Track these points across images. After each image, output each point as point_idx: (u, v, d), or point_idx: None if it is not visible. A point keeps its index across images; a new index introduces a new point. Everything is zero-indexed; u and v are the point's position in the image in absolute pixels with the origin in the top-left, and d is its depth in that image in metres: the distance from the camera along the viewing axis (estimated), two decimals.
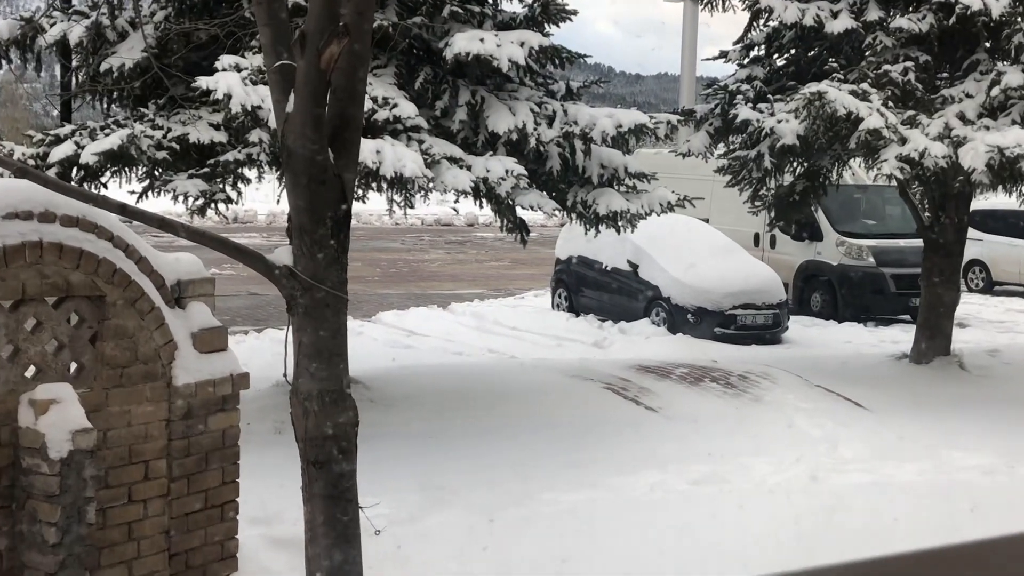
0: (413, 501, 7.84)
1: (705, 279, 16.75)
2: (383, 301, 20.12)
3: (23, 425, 5.29)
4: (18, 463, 5.32)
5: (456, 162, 9.38)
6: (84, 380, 5.66)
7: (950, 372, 13.18)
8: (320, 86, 4.49)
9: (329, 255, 4.68)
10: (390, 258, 29.24)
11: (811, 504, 8.33)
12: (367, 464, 5.41)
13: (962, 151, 10.90)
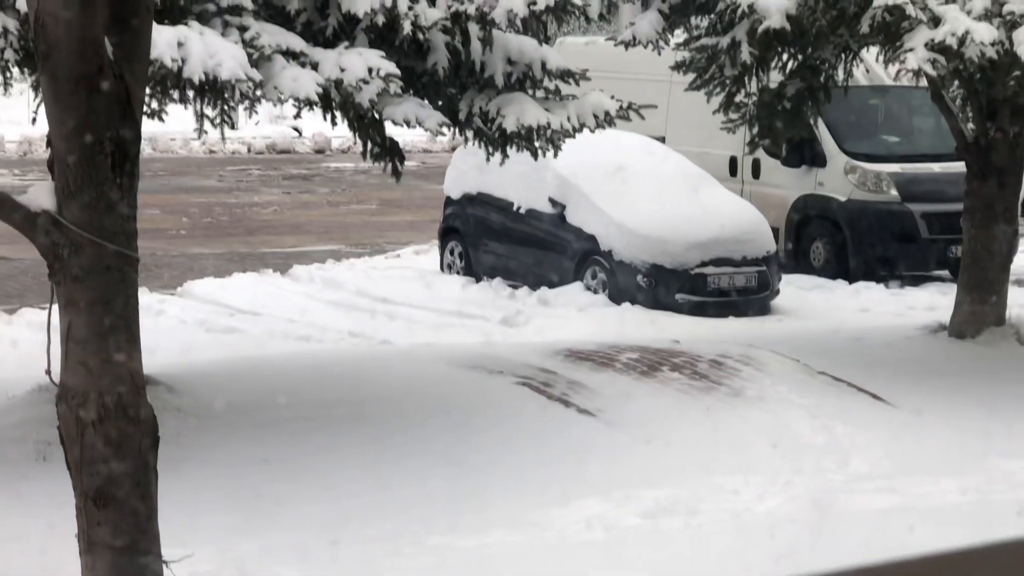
0: (242, 551, 7.83)
1: (661, 225, 16.77)
2: (193, 265, 19.98)
3: None
4: None
5: (296, 58, 9.36)
6: None
7: (1004, 349, 13.41)
8: None
9: (111, 196, 4.65)
10: (203, 201, 28.97)
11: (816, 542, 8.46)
12: (173, 499, 5.39)
13: (1017, 35, 11.09)
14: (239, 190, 31.76)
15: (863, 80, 16.55)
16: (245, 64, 8.82)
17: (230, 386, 11.27)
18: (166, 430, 5.02)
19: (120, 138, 4.64)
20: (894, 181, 19.16)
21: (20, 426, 8.73)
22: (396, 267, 20.29)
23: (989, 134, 13.69)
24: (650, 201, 17.06)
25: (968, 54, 11.12)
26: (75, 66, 4.47)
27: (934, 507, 9.08)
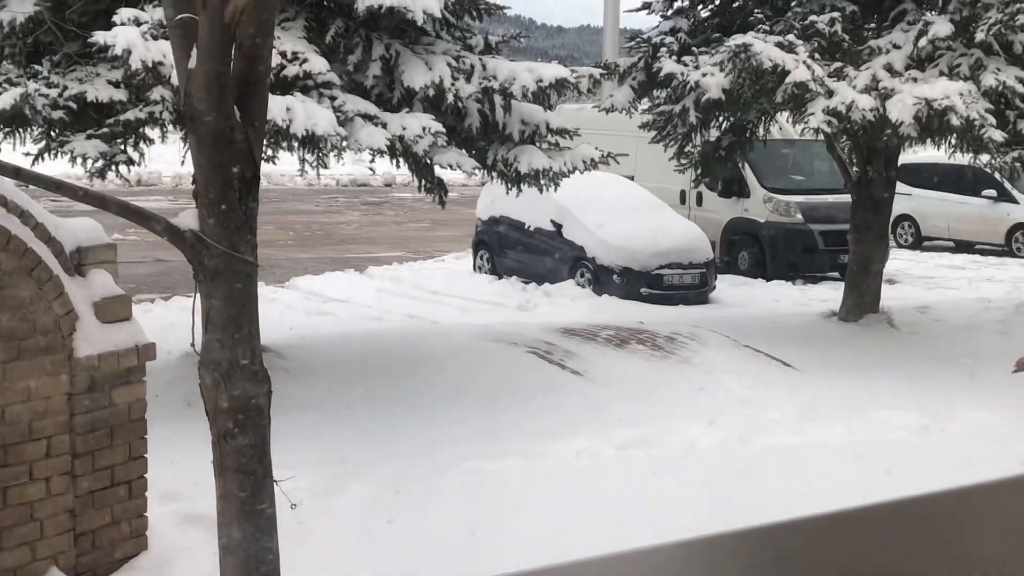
0: (329, 472, 7.83)
1: (630, 239, 16.80)
2: (297, 266, 19.99)
3: None
4: None
5: (371, 119, 9.33)
6: None
7: (879, 330, 13.40)
8: (224, 41, 4.43)
9: (237, 219, 4.64)
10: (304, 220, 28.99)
11: (739, 466, 8.46)
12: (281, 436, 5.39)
13: (890, 103, 11.04)
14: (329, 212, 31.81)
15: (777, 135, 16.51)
16: (334, 123, 8.79)
17: (323, 353, 11.31)
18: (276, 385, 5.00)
19: (245, 178, 4.63)
20: (799, 208, 19.19)
21: (172, 382, 8.74)
22: (442, 268, 20.34)
23: (868, 174, 13.68)
24: (622, 222, 17.07)
25: (854, 117, 11.08)
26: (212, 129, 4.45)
27: (826, 444, 9.07)
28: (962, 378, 10.83)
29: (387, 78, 9.90)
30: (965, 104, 10.89)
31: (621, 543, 5.53)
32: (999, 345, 12.24)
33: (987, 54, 11.66)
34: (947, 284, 18.94)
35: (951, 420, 9.69)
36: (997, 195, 23.37)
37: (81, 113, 9.08)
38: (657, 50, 13.06)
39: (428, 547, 6.75)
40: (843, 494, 7.62)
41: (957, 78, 11.46)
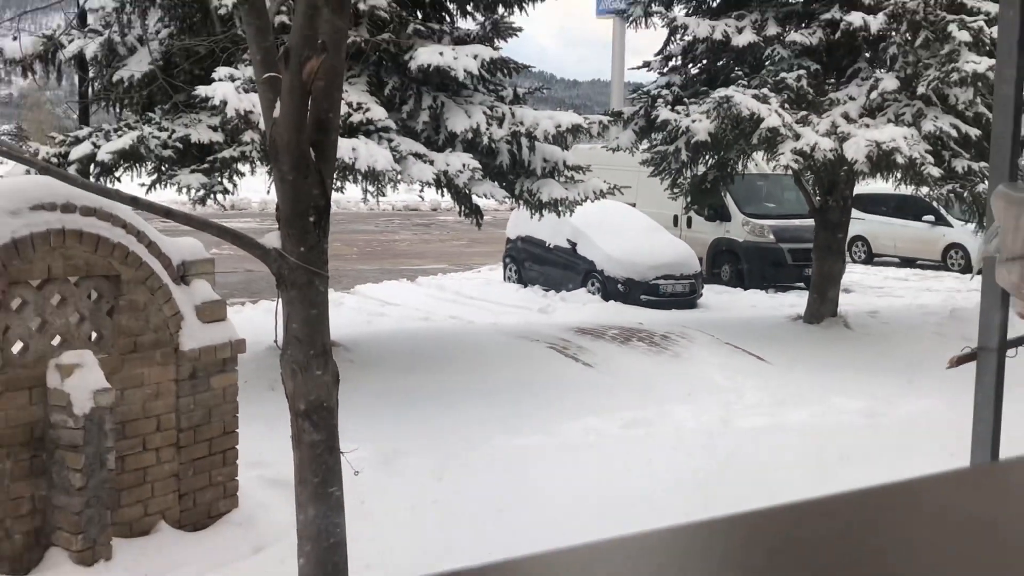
0: (386, 444, 7.85)
1: (632, 254, 16.78)
2: (360, 275, 20.02)
3: (51, 386, 5.26)
4: (47, 419, 5.28)
5: (420, 157, 9.36)
6: (103, 347, 5.63)
7: (837, 331, 13.34)
8: (302, 95, 4.45)
9: (312, 239, 4.65)
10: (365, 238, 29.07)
11: (722, 443, 8.43)
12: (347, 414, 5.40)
13: (846, 145, 11.01)
14: (386, 232, 31.88)
15: (754, 170, 16.46)
16: (391, 161, 8.82)
17: (381, 347, 11.34)
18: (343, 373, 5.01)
19: (318, 206, 4.64)
20: (772, 230, 19.10)
21: (259, 370, 8.79)
22: (477, 278, 20.32)
23: (828, 203, 13.63)
24: (626, 241, 17.05)
25: (817, 156, 11.04)
26: (292, 167, 4.47)
27: (793, 425, 9.04)
28: (905, 372, 10.76)
29: (434, 124, 9.94)
30: (908, 146, 10.85)
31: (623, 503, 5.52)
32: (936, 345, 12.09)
33: (927, 105, 11.61)
34: (893, 293, 18.84)
35: (895, 406, 9.64)
36: (935, 220, 23.27)
37: (186, 152, 9.16)
38: (655, 101, 13.05)
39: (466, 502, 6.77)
40: (805, 467, 7.61)
41: (902, 124, 11.42)
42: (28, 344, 5.30)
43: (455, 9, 11.11)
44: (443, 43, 10.08)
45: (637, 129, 13.46)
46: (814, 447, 8.20)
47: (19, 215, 5.20)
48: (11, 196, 5.25)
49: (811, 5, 12.71)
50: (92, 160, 8.94)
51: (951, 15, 11.25)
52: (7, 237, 5.11)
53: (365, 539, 5.54)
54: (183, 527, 5.97)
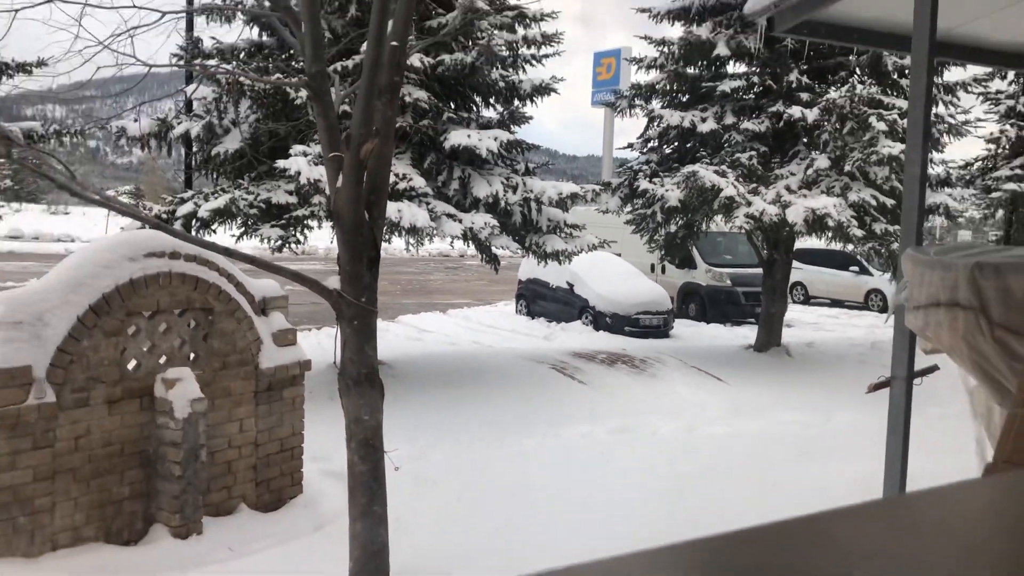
0: (420, 443, 7.83)
1: (618, 294, 16.76)
2: (402, 308, 20.05)
3: (158, 396, 5.27)
4: (154, 421, 5.29)
5: (451, 217, 9.40)
6: (199, 365, 5.64)
7: (781, 358, 13.26)
8: (359, 170, 4.50)
9: (365, 282, 4.68)
10: (407, 278, 29.13)
11: (689, 445, 8.37)
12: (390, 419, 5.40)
13: (788, 211, 11.01)
14: (423, 273, 31.91)
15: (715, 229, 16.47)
16: (428, 220, 8.86)
17: (417, 365, 11.32)
18: (387, 387, 5.01)
19: (370, 257, 4.67)
20: (729, 276, 19.05)
21: (321, 383, 8.79)
22: (495, 311, 20.28)
23: (773, 256, 13.60)
24: (613, 283, 17.02)
25: (764, 220, 11.05)
26: (351, 226, 4.51)
27: (747, 432, 8.96)
28: (835, 391, 10.68)
29: (463, 190, 9.99)
30: (837, 212, 10.85)
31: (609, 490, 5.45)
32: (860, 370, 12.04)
33: (852, 180, 11.62)
34: (826, 328, 18.72)
35: (829, 418, 9.56)
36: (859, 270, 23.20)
37: (267, 210, 9.22)
38: (636, 174, 13.12)
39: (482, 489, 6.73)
40: (756, 465, 7.55)
41: (832, 195, 11.42)
42: (140, 362, 5.32)
43: (480, 101, 11.19)
44: (471, 128, 10.16)
45: (622, 196, 13.52)
46: (764, 449, 8.14)
47: (136, 260, 5.24)
48: (131, 245, 5.30)
49: (760, 100, 12.77)
50: (194, 216, 9.00)
51: (871, 109, 11.29)
52: (127, 278, 5.16)
53: (401, 522, 5.51)
54: (259, 509, 5.95)
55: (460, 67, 9.69)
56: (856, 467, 6.84)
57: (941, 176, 12.95)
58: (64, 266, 5.12)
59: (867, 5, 4.28)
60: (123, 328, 5.20)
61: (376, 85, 4.54)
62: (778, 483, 7.00)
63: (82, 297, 4.96)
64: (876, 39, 4.65)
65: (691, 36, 12.61)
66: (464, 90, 10.81)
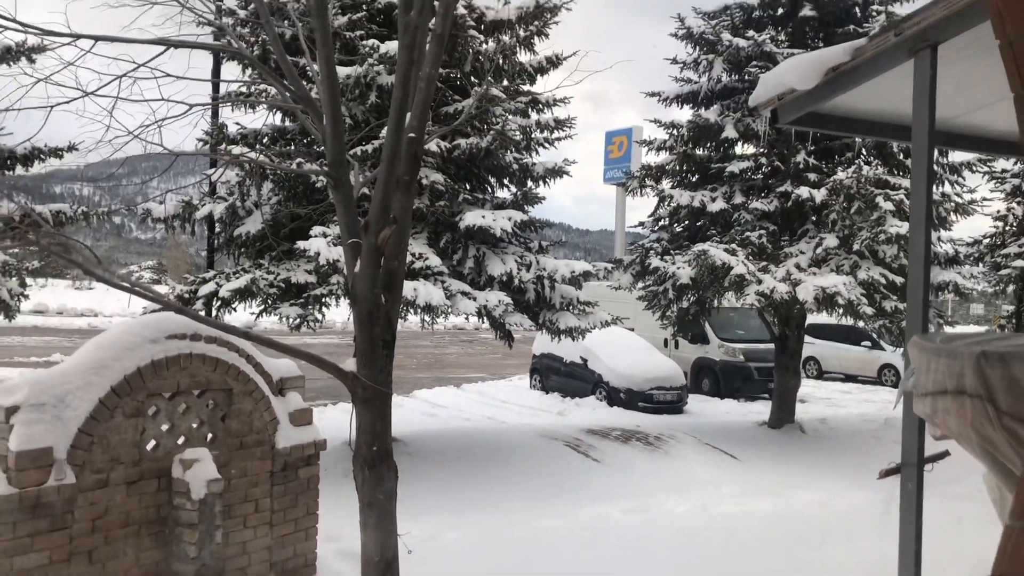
0: (433, 523, 7.74)
1: (632, 369, 16.71)
2: (417, 382, 20.02)
3: (175, 476, 5.27)
4: (171, 502, 5.28)
5: (466, 295, 9.46)
6: (216, 445, 5.66)
7: (794, 434, 13.11)
8: (377, 256, 4.58)
9: (380, 364, 4.71)
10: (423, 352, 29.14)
11: (704, 525, 8.24)
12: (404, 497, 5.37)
13: (798, 289, 11.03)
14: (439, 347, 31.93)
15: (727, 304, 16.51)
16: (443, 298, 8.92)
17: (432, 442, 11.24)
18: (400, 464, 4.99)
19: (386, 338, 4.71)
20: (741, 351, 18.98)
21: (336, 461, 8.75)
22: (509, 385, 20.22)
23: (785, 332, 13.56)
24: (626, 358, 16.99)
25: (775, 297, 11.06)
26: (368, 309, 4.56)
27: (760, 511, 8.82)
28: (849, 469, 10.52)
29: (477, 268, 10.08)
30: (847, 290, 10.86)
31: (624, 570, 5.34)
32: (874, 447, 11.91)
33: (861, 258, 11.67)
34: (839, 404, 18.55)
35: (842, 498, 9.39)
36: (871, 345, 23.07)
37: (287, 289, 9.32)
38: (648, 252, 13.21)
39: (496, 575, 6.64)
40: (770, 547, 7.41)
41: (842, 273, 11.45)
42: (159, 442, 5.35)
43: (495, 182, 11.38)
44: (485, 208, 10.30)
45: (634, 273, 13.59)
46: (778, 529, 7.99)
47: (158, 343, 5.31)
48: (153, 327, 5.38)
49: (769, 180, 12.92)
50: (215, 295, 9.11)
51: (878, 189, 11.40)
52: (148, 360, 5.22)
53: None
54: None
55: (475, 151, 9.89)
56: (872, 549, 6.70)
57: (949, 254, 12.98)
58: (88, 348, 5.19)
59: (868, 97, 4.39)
60: (143, 409, 5.24)
61: (394, 174, 4.66)
62: (794, 565, 6.87)
63: (104, 379, 5.02)
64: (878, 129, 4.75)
65: (700, 119, 12.85)
66: (479, 172, 11.01)
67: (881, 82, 4.06)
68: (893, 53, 3.78)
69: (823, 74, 3.96)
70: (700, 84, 13.37)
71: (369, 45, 9.51)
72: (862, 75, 3.92)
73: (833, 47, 4.00)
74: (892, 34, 3.77)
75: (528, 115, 11.06)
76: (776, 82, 4.10)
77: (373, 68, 9.41)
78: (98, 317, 40.04)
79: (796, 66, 4.00)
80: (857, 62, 3.87)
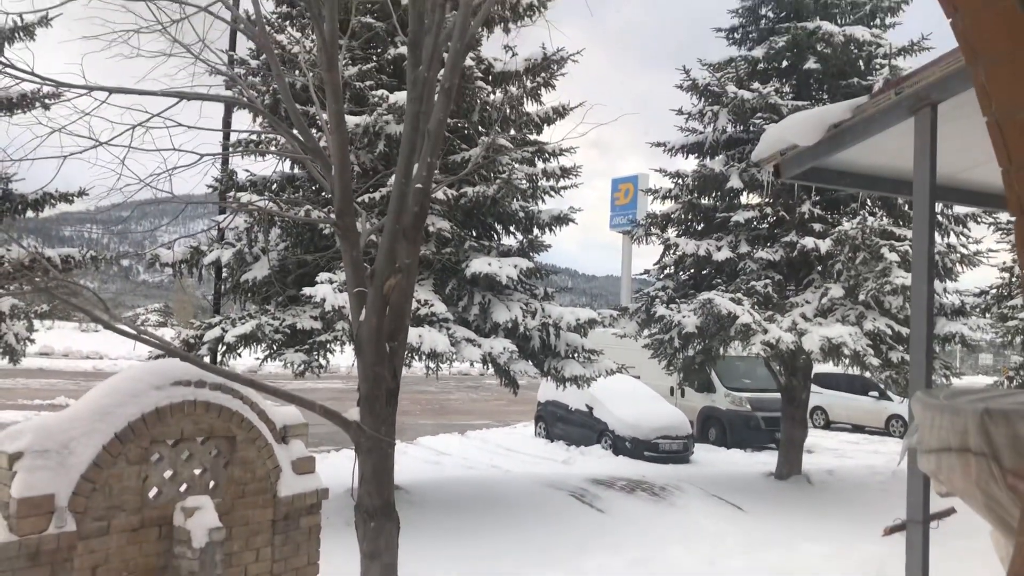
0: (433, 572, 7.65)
1: (637, 418, 16.60)
2: (421, 429, 19.91)
3: (176, 524, 5.25)
4: (171, 550, 5.25)
5: (471, 342, 9.48)
6: (218, 493, 5.63)
7: (802, 486, 12.98)
8: (382, 306, 4.62)
9: (383, 414, 4.73)
10: (427, 398, 29.01)
11: None
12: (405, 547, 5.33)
13: (804, 339, 11.02)
14: (444, 392, 31.80)
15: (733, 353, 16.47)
16: (448, 345, 8.94)
17: (435, 490, 11.16)
18: (403, 512, 4.97)
19: (390, 388, 4.73)
20: (748, 400, 18.85)
21: (338, 509, 8.68)
22: (514, 433, 20.07)
23: (792, 381, 13.51)
24: (632, 407, 16.89)
25: (781, 347, 11.05)
26: (372, 358, 4.59)
27: (767, 565, 8.70)
28: (857, 521, 10.40)
29: (482, 315, 10.10)
30: (853, 341, 10.84)
31: None
32: (882, 499, 11.77)
33: (867, 309, 11.66)
34: (847, 455, 18.37)
35: (850, 551, 9.27)
36: (878, 395, 22.92)
37: (292, 335, 9.35)
38: (653, 300, 13.21)
39: None
40: None
41: (847, 324, 11.44)
42: (161, 490, 5.33)
43: (501, 229, 11.46)
44: (491, 255, 10.37)
45: (640, 321, 13.58)
46: None
47: (162, 389, 5.33)
48: (158, 374, 5.40)
49: (774, 230, 12.98)
50: (220, 341, 9.13)
51: (883, 240, 11.44)
52: (152, 406, 5.23)
53: None
54: None
55: (482, 199, 9.98)
56: None
57: (956, 305, 12.97)
58: (93, 394, 5.21)
59: (870, 152, 4.44)
60: (146, 456, 5.23)
61: (401, 224, 4.72)
62: None
63: (108, 425, 5.02)
64: (880, 184, 4.80)
65: (705, 169, 12.96)
66: (486, 219, 11.09)
67: (882, 138, 4.11)
68: (894, 111, 3.84)
69: (825, 131, 4.03)
70: (705, 134, 13.50)
71: (378, 95, 9.67)
72: (863, 132, 3.97)
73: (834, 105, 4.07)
74: (892, 92, 3.83)
75: (534, 164, 11.17)
76: (778, 138, 4.17)
77: (382, 117, 9.55)
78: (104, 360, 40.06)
79: (798, 123, 4.07)
80: (858, 119, 3.93)
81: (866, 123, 3.89)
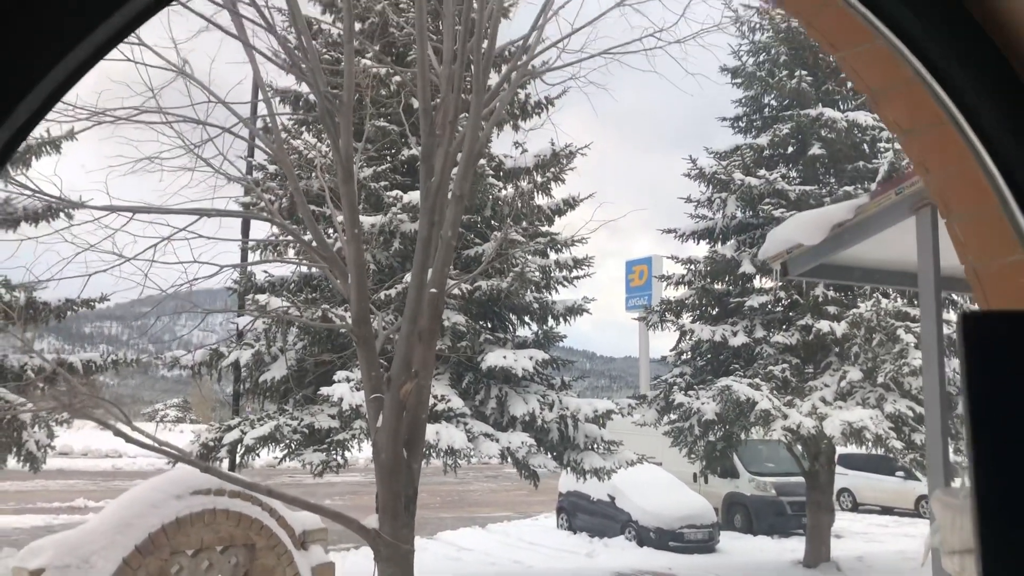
0: None
1: (661, 507, 16.29)
2: (441, 523, 19.56)
3: None
4: None
5: (489, 436, 9.48)
6: None
7: (831, 573, 12.68)
8: (399, 411, 4.67)
9: (402, 521, 4.72)
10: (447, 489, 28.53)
11: None
12: None
13: (825, 423, 10.93)
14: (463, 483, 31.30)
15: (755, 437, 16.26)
16: (465, 441, 8.94)
17: None
18: None
19: (407, 494, 4.74)
20: (773, 486, 18.50)
21: None
22: (536, 525, 19.71)
23: (815, 465, 13.31)
24: (655, 496, 16.61)
25: (802, 432, 10.95)
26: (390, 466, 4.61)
27: None
28: None
29: (499, 409, 10.11)
30: (874, 424, 10.75)
31: None
32: None
33: (887, 391, 11.57)
34: (877, 539, 17.88)
35: None
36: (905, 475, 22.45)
37: (310, 435, 9.37)
38: (671, 387, 13.17)
39: None
40: None
41: (868, 406, 11.34)
42: None
43: (516, 320, 11.55)
44: (506, 347, 10.43)
45: (658, 408, 13.49)
46: None
47: (183, 498, 5.36)
48: (178, 483, 5.44)
49: (789, 313, 13.01)
50: (239, 442, 9.17)
51: (898, 322, 11.44)
52: (172, 517, 5.26)
53: None
54: None
55: (496, 292, 10.11)
56: None
57: None
58: (114, 505, 5.25)
59: (874, 249, 4.53)
60: (166, 568, 5.23)
61: (416, 328, 4.81)
62: None
63: (128, 538, 5.04)
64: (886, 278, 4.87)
65: (716, 255, 13.08)
66: (500, 311, 11.20)
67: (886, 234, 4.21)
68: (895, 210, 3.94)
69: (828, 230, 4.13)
70: (715, 220, 13.68)
71: (393, 196, 9.92)
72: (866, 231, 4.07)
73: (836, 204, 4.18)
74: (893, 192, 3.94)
75: (547, 255, 11.34)
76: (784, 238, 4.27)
77: (397, 216, 9.78)
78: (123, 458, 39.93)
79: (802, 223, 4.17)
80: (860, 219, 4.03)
81: (868, 222, 3.99)
